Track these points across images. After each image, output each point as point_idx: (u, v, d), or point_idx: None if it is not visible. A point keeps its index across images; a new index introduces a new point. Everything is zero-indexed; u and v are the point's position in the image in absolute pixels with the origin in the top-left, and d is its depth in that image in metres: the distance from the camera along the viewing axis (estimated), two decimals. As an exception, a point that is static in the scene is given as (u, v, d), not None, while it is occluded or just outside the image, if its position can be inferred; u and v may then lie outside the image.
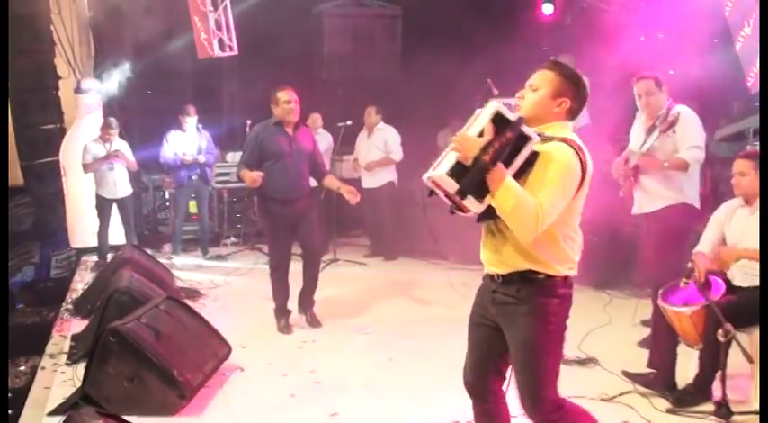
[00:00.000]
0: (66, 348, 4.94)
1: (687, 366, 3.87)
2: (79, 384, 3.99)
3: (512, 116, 2.44)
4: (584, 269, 6.29)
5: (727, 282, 3.77)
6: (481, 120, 2.44)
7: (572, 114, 2.59)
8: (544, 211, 2.38)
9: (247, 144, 5.29)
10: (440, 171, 2.40)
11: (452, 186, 2.38)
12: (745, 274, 3.74)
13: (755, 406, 3.56)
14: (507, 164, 2.39)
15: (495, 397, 2.78)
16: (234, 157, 9.26)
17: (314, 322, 5.36)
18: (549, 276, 2.54)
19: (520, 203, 2.36)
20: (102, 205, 7.66)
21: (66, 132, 8.77)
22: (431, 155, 8.83)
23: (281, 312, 5.32)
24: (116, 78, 8.91)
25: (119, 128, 7.83)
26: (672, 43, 8.82)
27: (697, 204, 4.34)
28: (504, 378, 2.77)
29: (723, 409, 3.46)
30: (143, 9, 8.64)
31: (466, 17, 8.95)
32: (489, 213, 2.44)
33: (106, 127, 7.65)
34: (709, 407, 3.60)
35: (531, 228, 2.39)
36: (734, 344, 3.44)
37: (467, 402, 3.83)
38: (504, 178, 2.36)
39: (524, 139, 2.41)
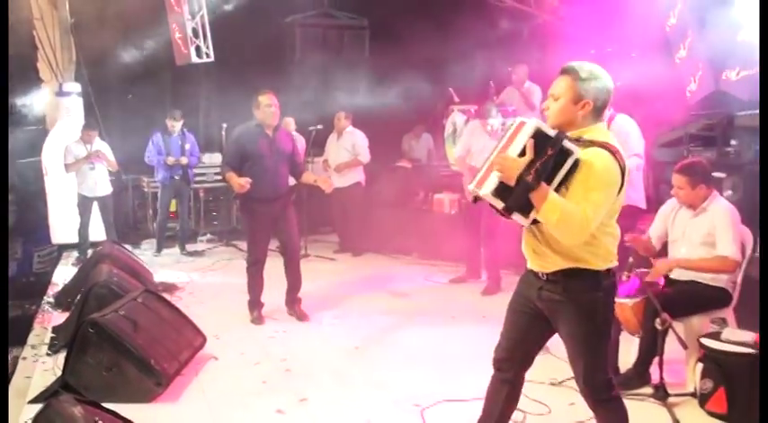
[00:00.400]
0: (47, 340, 4.85)
1: (628, 353, 3.93)
2: (59, 374, 3.93)
3: (552, 132, 2.40)
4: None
5: (665, 276, 3.86)
6: (521, 137, 2.40)
7: (598, 112, 2.52)
8: (588, 218, 2.36)
9: (229, 145, 5.22)
10: (485, 190, 2.40)
11: (499, 204, 2.40)
12: (681, 270, 3.84)
13: (690, 388, 3.67)
14: (550, 179, 2.38)
15: (517, 378, 2.82)
16: (210, 158, 9.20)
17: (302, 317, 5.30)
18: (591, 272, 2.52)
19: (564, 215, 2.34)
20: (84, 203, 7.55)
21: (48, 134, 8.60)
22: (396, 157, 8.97)
23: (255, 305, 5.29)
24: (97, 82, 8.77)
25: (99, 129, 7.73)
26: (620, 57, 9.01)
27: (642, 205, 4.43)
28: (532, 363, 2.84)
29: (660, 391, 3.54)
30: (124, 16, 8.53)
31: (428, 30, 9.00)
32: (535, 220, 2.45)
33: (87, 128, 7.55)
34: (648, 390, 3.67)
35: (577, 235, 2.39)
36: (670, 332, 3.53)
37: (427, 387, 3.91)
38: (547, 195, 2.35)
39: (565, 153, 2.37)
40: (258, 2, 8.83)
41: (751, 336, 3.47)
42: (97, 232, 7.69)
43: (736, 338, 3.45)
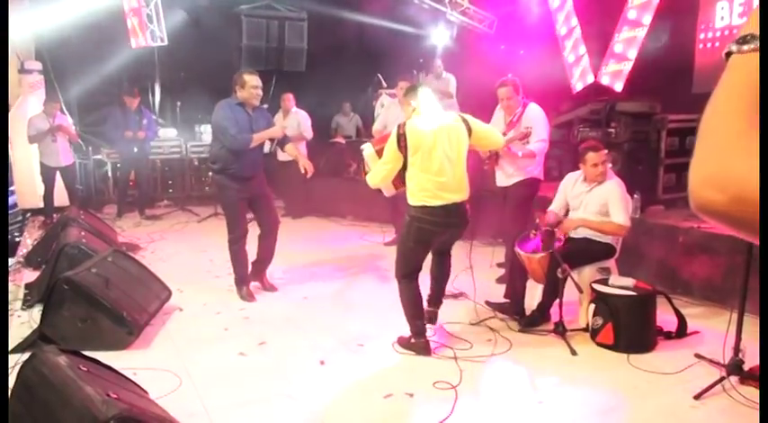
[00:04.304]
0: (21, 296, 4.51)
1: (532, 297, 4.05)
2: (35, 326, 3.66)
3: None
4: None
5: (565, 235, 3.95)
6: None
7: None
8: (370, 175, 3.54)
9: (227, 118, 4.31)
10: None
11: None
12: (576, 231, 3.92)
13: (582, 324, 3.81)
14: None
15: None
16: (165, 133, 8.74)
17: (270, 288, 4.72)
18: (408, 204, 3.42)
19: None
20: (47, 172, 7.03)
21: (9, 108, 7.88)
22: (328, 134, 8.79)
23: (243, 281, 4.62)
24: (56, 61, 8.10)
25: (60, 103, 7.17)
26: (514, 54, 9.17)
27: (541, 176, 4.51)
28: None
29: (560, 327, 3.64)
30: (82, 1, 7.87)
31: (361, 23, 8.82)
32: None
33: (50, 102, 6.99)
34: (550, 326, 3.77)
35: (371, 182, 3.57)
36: (568, 279, 3.64)
37: (368, 329, 3.89)
38: None
39: None
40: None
41: (631, 281, 3.62)
42: (61, 199, 7.18)
43: (620, 284, 3.60)
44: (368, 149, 3.72)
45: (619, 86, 7.86)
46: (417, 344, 3.48)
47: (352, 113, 9.27)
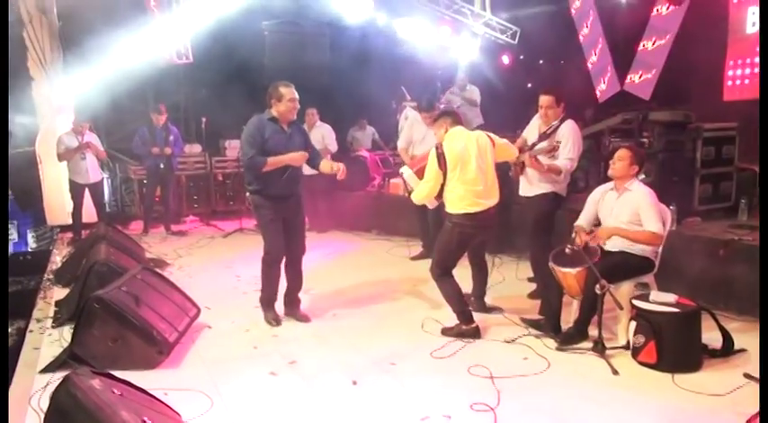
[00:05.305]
0: (51, 313, 4.50)
1: (568, 314, 3.93)
2: (66, 345, 3.64)
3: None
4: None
5: (601, 248, 3.82)
6: None
7: (437, 123, 4.09)
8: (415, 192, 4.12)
9: (251, 137, 4.03)
10: None
11: None
12: (613, 243, 3.81)
13: (621, 342, 3.67)
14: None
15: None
16: (191, 148, 8.80)
17: (304, 319, 4.35)
18: (447, 212, 3.93)
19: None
20: (76, 189, 7.10)
21: (39, 127, 8.02)
22: (346, 148, 8.74)
23: (272, 304, 4.38)
24: (86, 80, 8.20)
25: (89, 122, 7.26)
26: (535, 63, 9.07)
27: (563, 193, 4.42)
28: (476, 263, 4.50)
29: (599, 345, 3.51)
30: (110, 20, 7.99)
31: (381, 38, 8.82)
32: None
33: (79, 121, 7.07)
34: (587, 344, 3.64)
35: (416, 198, 4.13)
36: (606, 295, 3.50)
37: (399, 347, 3.80)
38: None
39: None
40: (231, 11, 8.42)
41: (673, 297, 3.48)
42: (89, 215, 7.25)
43: (662, 299, 3.46)
44: (407, 172, 4.30)
45: (646, 95, 7.71)
46: (468, 330, 3.88)
47: (368, 127, 9.24)
